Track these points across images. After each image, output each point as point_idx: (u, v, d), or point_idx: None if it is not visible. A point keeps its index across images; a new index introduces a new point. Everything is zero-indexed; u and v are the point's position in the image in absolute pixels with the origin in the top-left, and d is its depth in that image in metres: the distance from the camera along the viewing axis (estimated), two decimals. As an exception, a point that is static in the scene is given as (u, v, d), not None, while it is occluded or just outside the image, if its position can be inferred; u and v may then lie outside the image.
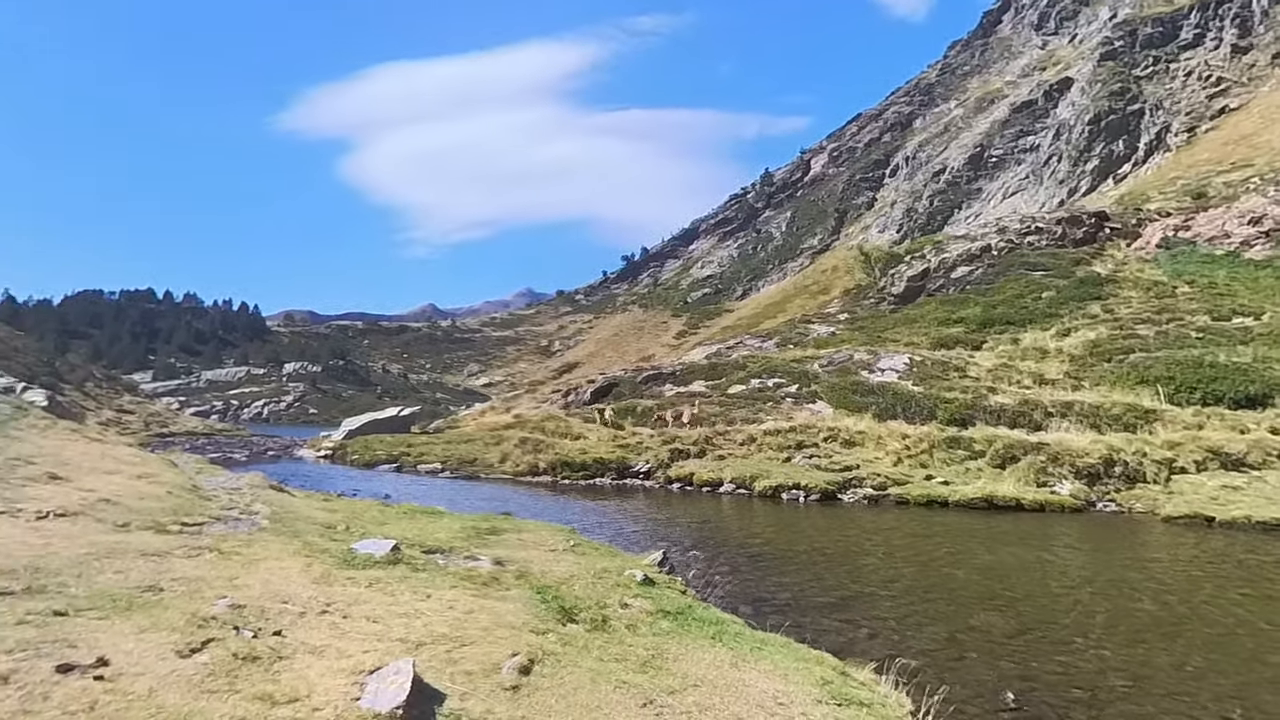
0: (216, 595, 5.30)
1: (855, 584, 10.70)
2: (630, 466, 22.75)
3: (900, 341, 35.85)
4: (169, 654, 4.05)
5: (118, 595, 5.04)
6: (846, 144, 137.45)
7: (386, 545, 7.67)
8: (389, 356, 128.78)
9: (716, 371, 33.20)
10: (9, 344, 46.36)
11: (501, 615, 5.74)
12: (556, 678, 4.71)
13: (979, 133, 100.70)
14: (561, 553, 9.33)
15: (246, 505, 10.51)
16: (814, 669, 5.77)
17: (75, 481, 9.80)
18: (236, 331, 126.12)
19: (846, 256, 77.07)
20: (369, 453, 28.53)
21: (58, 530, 7.02)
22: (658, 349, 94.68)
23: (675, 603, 7.24)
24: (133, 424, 43.09)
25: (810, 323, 47.44)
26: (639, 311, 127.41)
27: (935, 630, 8.58)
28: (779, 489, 19.23)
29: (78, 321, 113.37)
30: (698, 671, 5.22)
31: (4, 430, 13.22)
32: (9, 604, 4.57)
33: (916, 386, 26.86)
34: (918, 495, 18.18)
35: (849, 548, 13.39)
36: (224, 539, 7.59)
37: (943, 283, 45.74)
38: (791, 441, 22.83)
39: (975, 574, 11.34)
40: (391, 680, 3.97)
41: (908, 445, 21.60)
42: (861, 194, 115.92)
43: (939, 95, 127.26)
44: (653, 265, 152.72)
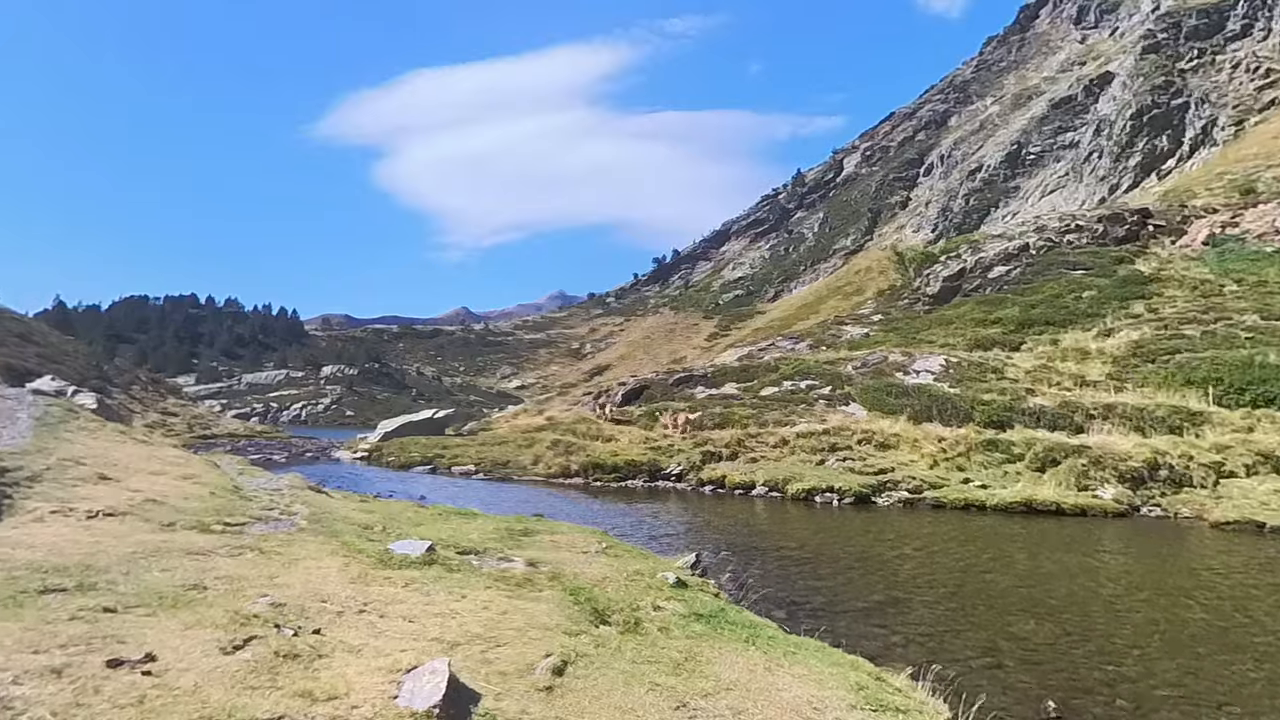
0: (258, 593, 5.42)
1: (891, 588, 10.56)
2: (662, 469, 22.73)
3: (936, 343, 35.32)
4: (213, 650, 4.15)
5: (164, 593, 5.19)
6: (880, 143, 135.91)
7: (422, 546, 7.77)
8: (423, 359, 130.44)
9: (748, 373, 33.02)
10: (60, 348, 47.89)
11: (535, 616, 5.78)
12: (590, 679, 4.73)
13: (1016, 130, 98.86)
14: (594, 555, 9.36)
15: (286, 506, 10.73)
16: (849, 674, 5.71)
17: (123, 482, 10.09)
18: (276, 335, 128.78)
19: (880, 257, 76.21)
20: (404, 455, 28.91)
21: (107, 529, 7.24)
22: (689, 351, 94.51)
23: (708, 605, 7.21)
24: (177, 426, 44.22)
25: (843, 324, 46.97)
26: (670, 314, 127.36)
27: (973, 636, 8.44)
28: (812, 492, 19.07)
29: (125, 326, 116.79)
30: (731, 675, 5.19)
31: (56, 432, 13.67)
32: (62, 600, 4.73)
33: (953, 388, 26.44)
34: (954, 499, 17.89)
35: (884, 551, 13.22)
36: (265, 539, 7.76)
37: (979, 283, 44.97)
38: (825, 444, 22.62)
39: (1015, 579, 11.13)
40: (427, 679, 4.02)
41: (944, 448, 21.28)
42: (895, 193, 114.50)
43: (974, 92, 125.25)
44: (684, 267, 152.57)
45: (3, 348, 36.10)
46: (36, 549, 6.08)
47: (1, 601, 4.54)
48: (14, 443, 11.56)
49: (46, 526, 7.04)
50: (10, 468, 8.88)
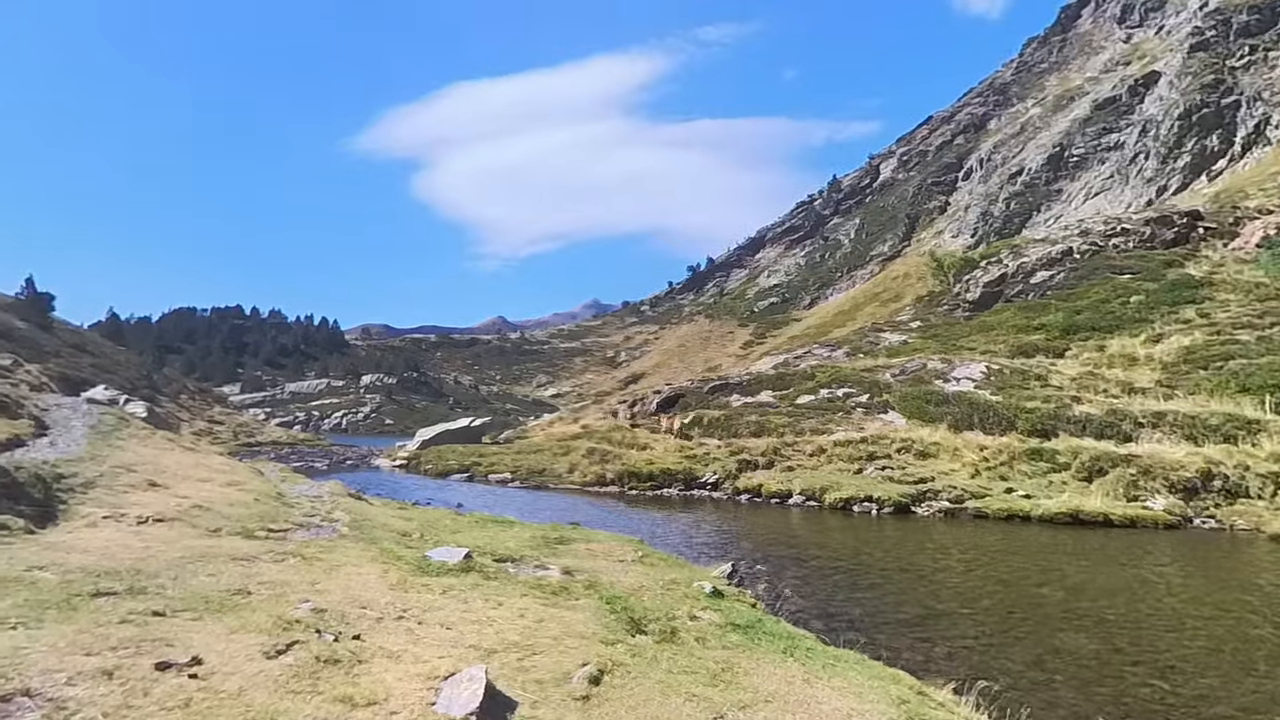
0: (300, 599, 5.51)
1: (932, 600, 10.34)
2: (697, 477, 22.64)
3: (976, 349, 34.67)
4: (257, 655, 4.23)
5: (210, 597, 5.30)
6: (917, 148, 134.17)
7: (459, 553, 7.83)
8: (460, 368, 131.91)
9: (784, 381, 32.76)
10: (113, 358, 49.47)
11: (571, 625, 5.78)
12: (626, 689, 4.70)
13: (1058, 132, 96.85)
14: (630, 563, 9.34)
15: (327, 513, 10.91)
16: (890, 687, 5.60)
17: (172, 488, 10.36)
18: (317, 345, 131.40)
19: (918, 263, 75.12)
20: (442, 462, 29.24)
21: (156, 534, 7.43)
22: (724, 359, 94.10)
23: (745, 616, 7.14)
24: (223, 434, 45.34)
25: (881, 331, 46.37)
26: (705, 322, 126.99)
27: (1019, 651, 8.21)
28: (850, 501, 18.80)
29: (173, 337, 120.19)
30: (769, 687, 5.13)
31: (109, 440, 14.11)
32: (113, 604, 4.86)
33: (994, 396, 25.90)
34: (997, 509, 17.49)
35: (925, 563, 12.97)
36: (307, 545, 7.89)
37: (1021, 288, 44.05)
38: (863, 452, 22.32)
39: (1061, 592, 10.82)
40: (465, 686, 4.04)
41: (986, 457, 20.84)
42: (933, 198, 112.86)
43: (1014, 95, 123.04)
44: (719, 275, 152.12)
45: (59, 358, 37.42)
46: (90, 553, 6.27)
47: (57, 604, 4.68)
48: (70, 450, 11.95)
49: (99, 531, 7.26)
50: (66, 474, 9.18)
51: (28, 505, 7.34)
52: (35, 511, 7.32)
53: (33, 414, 15.13)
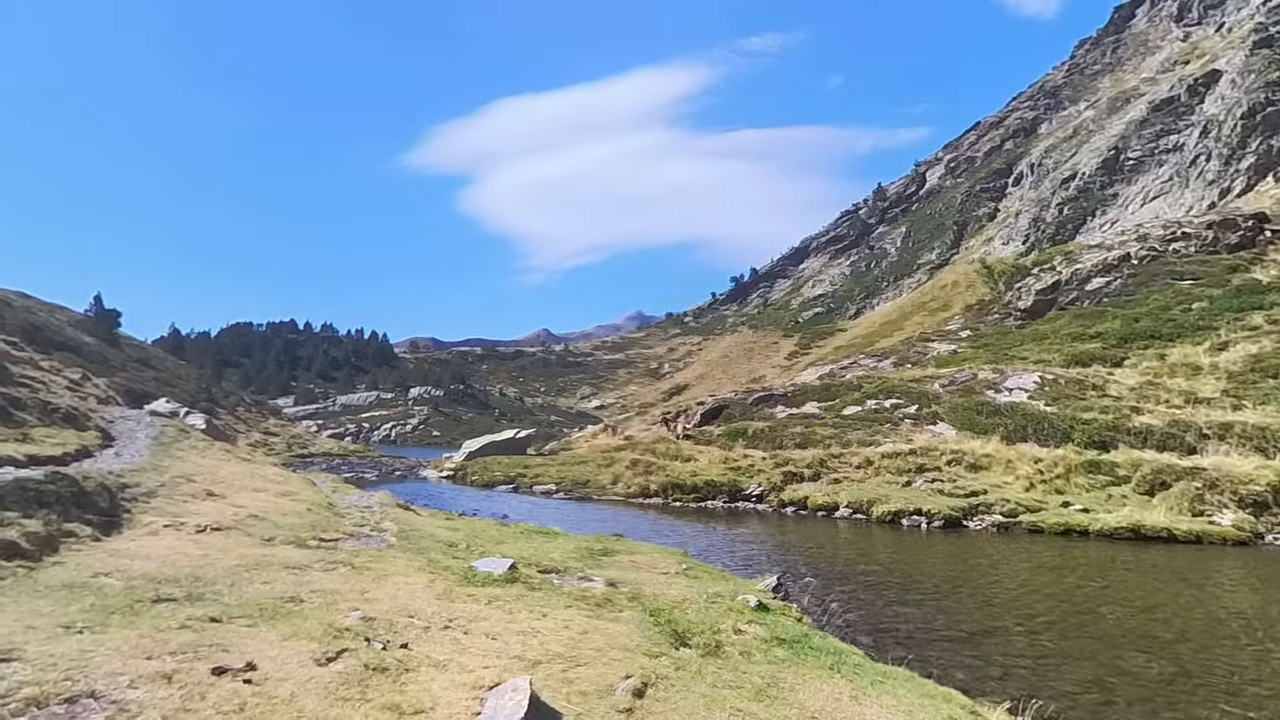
0: (350, 607, 5.62)
1: (985, 617, 10.06)
2: (742, 489, 22.45)
3: (1029, 359, 33.75)
4: (308, 661, 4.32)
5: (264, 604, 5.44)
6: (965, 154, 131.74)
7: (504, 564, 7.90)
8: (506, 380, 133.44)
9: (830, 392, 32.35)
10: (174, 372, 51.34)
11: (615, 637, 5.77)
12: (670, 702, 4.67)
13: (1113, 135, 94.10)
14: (673, 575, 9.30)
15: (376, 522, 11.12)
16: (941, 706, 5.45)
17: (229, 498, 10.68)
18: (367, 358, 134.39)
19: (967, 271, 73.54)
20: (487, 474, 29.58)
21: (214, 543, 7.67)
22: (768, 370, 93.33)
23: (790, 630, 7.04)
24: (277, 445, 46.62)
25: (929, 341, 45.49)
26: (749, 333, 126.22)
27: (1078, 671, 7.93)
28: (899, 514, 18.43)
29: (231, 351, 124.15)
30: (815, 703, 5.04)
31: (170, 451, 14.63)
32: (173, 610, 5.02)
33: (1049, 407, 25.16)
34: (1053, 523, 16.95)
35: (977, 578, 12.62)
36: (356, 554, 8.05)
37: (1075, 295, 42.81)
38: (911, 465, 21.88)
39: (1123, 610, 10.42)
40: (509, 697, 4.06)
41: (1040, 469, 20.24)
42: (982, 205, 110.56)
43: (1066, 97, 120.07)
44: (762, 286, 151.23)
45: (125, 372, 38.97)
46: (151, 560, 6.49)
47: (120, 610, 4.85)
48: (133, 461, 12.43)
49: (160, 539, 7.52)
50: (130, 484, 9.53)
51: (94, 514, 7.64)
52: (101, 520, 7.62)
53: (100, 426, 15.78)
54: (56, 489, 7.44)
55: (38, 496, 7.04)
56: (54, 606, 4.78)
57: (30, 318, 36.31)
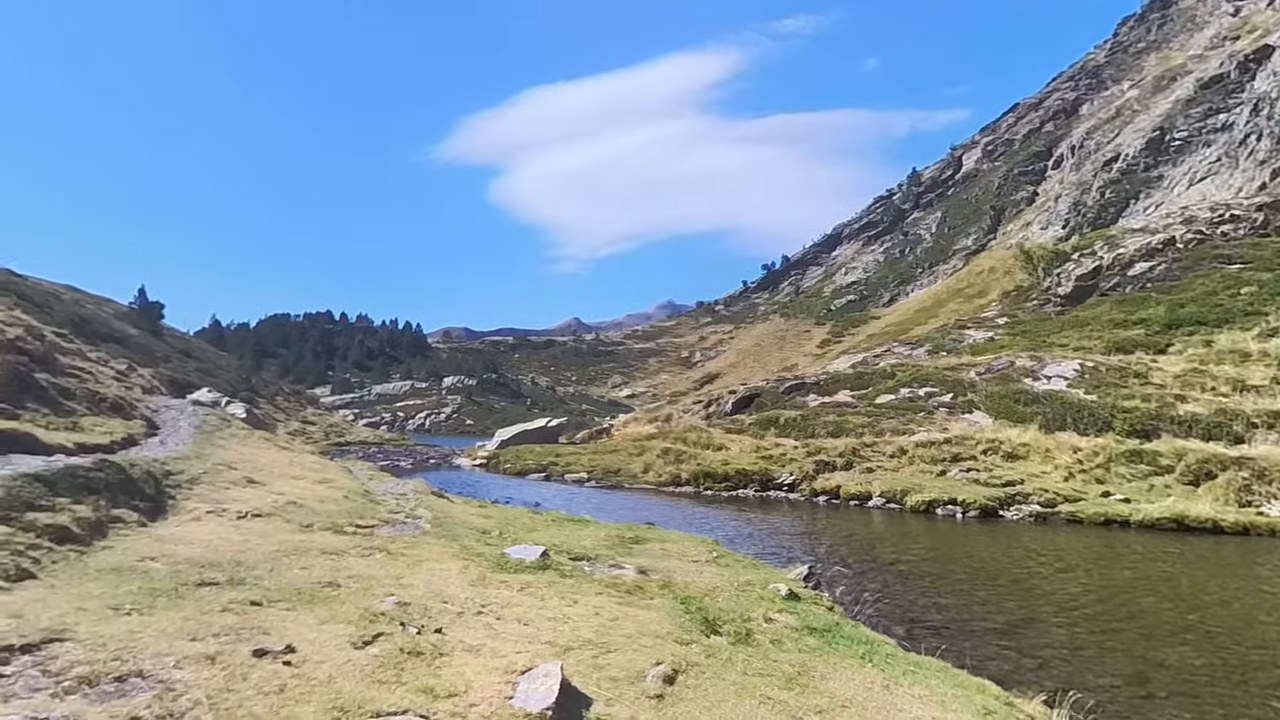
0: (385, 593, 5.73)
1: (1022, 608, 9.91)
2: (774, 478, 22.37)
3: (1069, 346, 33.03)
4: (345, 645, 4.42)
5: (303, 589, 5.57)
6: (1002, 137, 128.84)
7: (536, 551, 7.98)
8: (537, 369, 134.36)
9: (863, 381, 32.01)
10: (215, 363, 52.57)
11: (645, 624, 5.80)
12: (700, 689, 4.69)
13: (1158, 114, 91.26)
14: (704, 564, 9.31)
15: (411, 510, 11.30)
16: (975, 697, 5.40)
17: (268, 485, 10.93)
18: (402, 348, 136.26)
19: (1005, 256, 72.07)
20: (520, 462, 29.85)
21: (254, 529, 7.86)
22: (800, 358, 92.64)
23: (822, 619, 7.02)
24: (315, 434, 47.54)
25: (965, 328, 44.74)
26: (780, 321, 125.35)
27: (1117, 664, 7.78)
28: (933, 504, 18.22)
29: (270, 341, 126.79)
30: (847, 692, 5.02)
31: (212, 439, 15.00)
32: (215, 593, 5.17)
33: (1089, 395, 24.62)
34: (1093, 514, 16.62)
35: (1014, 569, 12.44)
36: (392, 540, 8.19)
37: (1118, 281, 41.73)
38: (946, 454, 21.59)
39: (1166, 603, 10.19)
40: (541, 682, 4.11)
41: (1080, 459, 19.84)
42: (1020, 189, 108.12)
43: (1109, 77, 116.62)
44: (794, 273, 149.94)
45: (168, 363, 39.99)
46: (195, 545, 6.68)
47: (166, 593, 5.01)
48: (177, 449, 12.77)
49: (203, 525, 7.73)
50: (174, 471, 9.80)
51: (141, 500, 7.88)
52: (148, 506, 7.85)
53: (145, 415, 16.23)
54: (105, 476, 7.68)
55: (87, 483, 7.27)
56: (103, 589, 4.95)
57: (79, 310, 37.42)
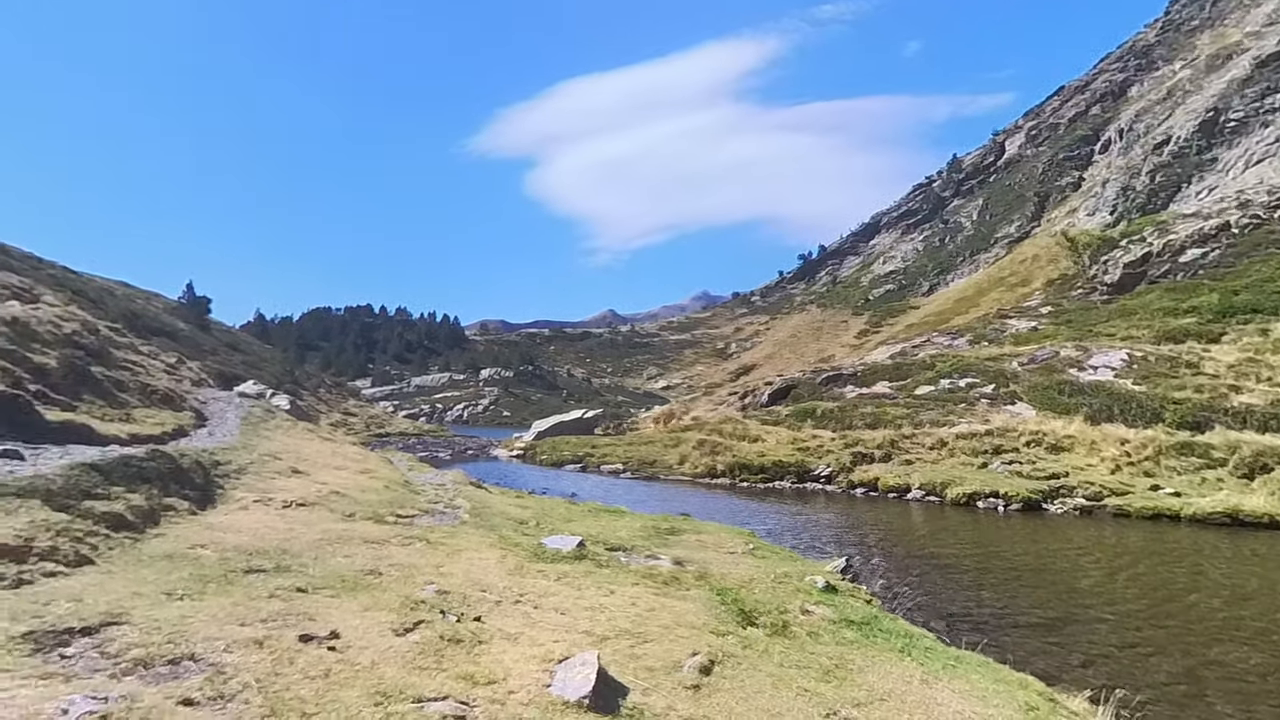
0: (425, 581, 5.83)
1: (1066, 604, 9.71)
2: (810, 470, 22.21)
3: (1116, 335, 32.15)
4: (387, 631, 4.51)
5: (346, 577, 5.70)
6: (1047, 121, 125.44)
7: (573, 541, 8.05)
8: (573, 361, 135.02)
9: (901, 372, 31.57)
10: (260, 355, 53.85)
11: (682, 614, 5.82)
12: (737, 680, 4.70)
13: (1212, 95, 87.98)
14: (740, 555, 9.30)
15: (450, 500, 11.48)
16: (1016, 693, 5.31)
17: (312, 475, 11.18)
18: (440, 341, 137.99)
19: (1049, 244, 70.33)
20: (556, 453, 30.08)
21: (299, 517, 8.06)
22: (837, 349, 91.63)
23: (859, 612, 6.96)
24: (356, 425, 48.46)
25: (1007, 317, 43.80)
26: (817, 311, 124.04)
27: (1167, 662, 7.59)
28: (974, 496, 17.92)
29: (312, 335, 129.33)
30: (885, 685, 4.98)
31: (258, 430, 15.39)
32: (263, 580, 5.31)
33: (1137, 385, 23.95)
34: (1141, 507, 16.19)
35: (1058, 563, 12.19)
36: (431, 530, 8.33)
37: (1168, 268, 40.48)
38: (988, 446, 21.21)
39: (1218, 599, 9.90)
40: (578, 671, 4.15)
41: (1127, 451, 19.33)
42: (1066, 174, 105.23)
43: (1160, 57, 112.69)
44: (831, 263, 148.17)
45: (216, 356, 41.09)
46: (243, 533, 6.87)
47: (216, 579, 5.17)
48: (225, 440, 13.12)
49: (250, 514, 7.95)
50: (222, 461, 10.09)
51: (191, 489, 8.12)
52: (197, 495, 8.09)
53: (194, 407, 16.71)
54: (157, 466, 7.93)
55: (140, 473, 7.52)
56: (156, 575, 5.12)
57: (130, 305, 38.62)
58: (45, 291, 19.90)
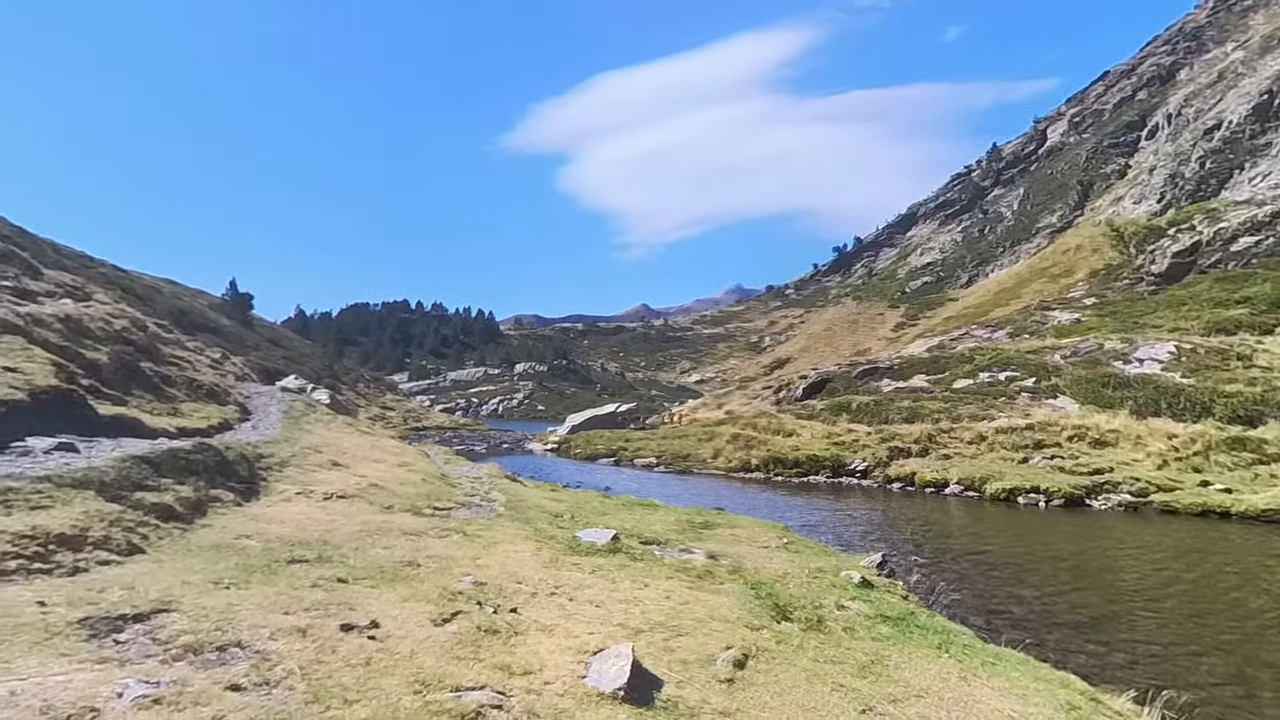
0: (462, 572, 5.92)
1: (1110, 602, 9.50)
2: (846, 464, 22.01)
3: (1163, 327, 31.26)
4: (425, 622, 4.60)
5: (385, 567, 5.81)
6: (1090, 107, 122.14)
7: (607, 534, 8.09)
8: (607, 355, 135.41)
9: (939, 365, 31.08)
10: (300, 351, 54.95)
11: (716, 608, 5.83)
12: (771, 674, 4.69)
13: (1267, 76, 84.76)
14: (774, 550, 9.27)
15: (486, 493, 11.62)
16: (1057, 691, 5.22)
17: (351, 468, 11.41)
18: (475, 335, 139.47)
19: (1093, 234, 68.54)
20: (590, 447, 30.23)
21: (339, 509, 8.23)
22: (873, 343, 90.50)
23: (896, 608, 6.90)
24: (394, 419, 49.22)
25: (1049, 309, 42.85)
26: (852, 304, 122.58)
27: (1215, 662, 7.39)
28: (1014, 492, 17.60)
29: (350, 330, 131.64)
30: (921, 682, 4.93)
31: (300, 424, 15.72)
32: (305, 570, 5.44)
33: (1185, 379, 23.27)
34: (1190, 504, 15.74)
35: (1101, 560, 11.92)
36: (468, 522, 8.45)
37: (1219, 257, 39.20)
38: (1028, 440, 20.80)
39: (1269, 599, 9.60)
40: (613, 662, 4.19)
41: (1175, 446, 18.80)
42: (1111, 162, 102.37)
43: (1210, 38, 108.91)
44: (867, 255, 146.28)
45: (258, 351, 42.02)
46: (286, 524, 7.05)
47: (260, 569, 5.31)
48: (268, 433, 13.44)
49: (292, 505, 8.14)
50: (265, 454, 10.33)
51: (236, 481, 8.34)
52: (242, 487, 8.31)
53: (238, 401, 17.13)
54: (203, 458, 8.16)
55: (188, 465, 7.74)
56: (204, 564, 5.28)
57: (177, 302, 39.69)
58: (96, 289, 20.55)
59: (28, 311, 12.43)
